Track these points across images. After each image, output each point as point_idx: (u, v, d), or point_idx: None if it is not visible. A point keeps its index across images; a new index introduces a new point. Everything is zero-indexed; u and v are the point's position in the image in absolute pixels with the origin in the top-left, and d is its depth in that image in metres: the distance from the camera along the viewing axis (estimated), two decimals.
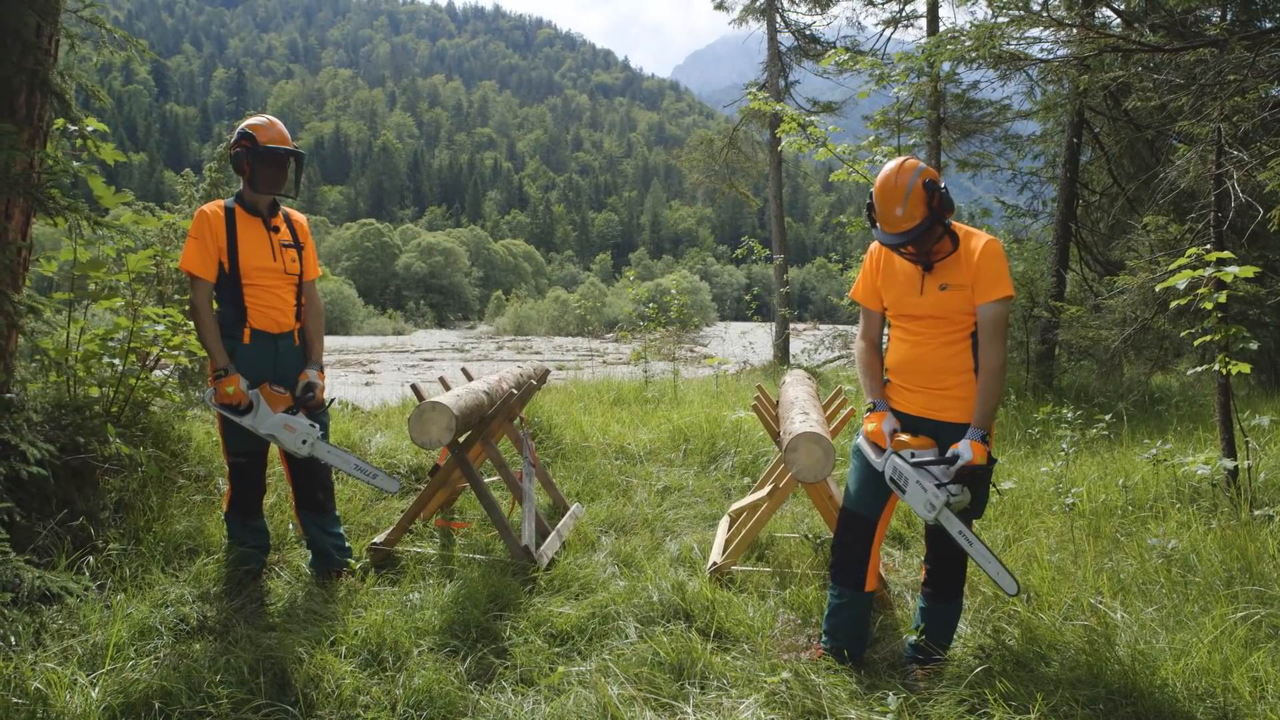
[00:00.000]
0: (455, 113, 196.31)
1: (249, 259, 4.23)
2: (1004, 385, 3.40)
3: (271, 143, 4.26)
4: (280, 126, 4.36)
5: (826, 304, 26.30)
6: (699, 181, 24.18)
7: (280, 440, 4.19)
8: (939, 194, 3.33)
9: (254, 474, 4.36)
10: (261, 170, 4.26)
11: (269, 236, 4.32)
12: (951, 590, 3.61)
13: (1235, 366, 5.10)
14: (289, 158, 4.33)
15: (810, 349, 17.99)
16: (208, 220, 4.19)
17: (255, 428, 4.17)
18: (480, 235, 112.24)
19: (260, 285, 4.27)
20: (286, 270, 4.36)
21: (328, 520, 4.53)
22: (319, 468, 4.48)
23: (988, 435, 3.35)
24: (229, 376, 4.12)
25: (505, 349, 44.82)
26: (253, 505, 4.40)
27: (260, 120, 4.34)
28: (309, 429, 4.21)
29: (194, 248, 4.17)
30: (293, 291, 4.43)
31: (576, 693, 3.26)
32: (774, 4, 22.17)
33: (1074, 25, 8.20)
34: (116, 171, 72.33)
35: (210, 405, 4.21)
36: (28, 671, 3.05)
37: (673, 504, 6.04)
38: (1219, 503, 5.08)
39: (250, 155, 4.24)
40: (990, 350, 3.35)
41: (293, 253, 4.40)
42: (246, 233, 4.25)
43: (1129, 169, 12.59)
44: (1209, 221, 5.51)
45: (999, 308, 3.36)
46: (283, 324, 4.36)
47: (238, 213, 4.28)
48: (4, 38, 3.93)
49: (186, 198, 9.11)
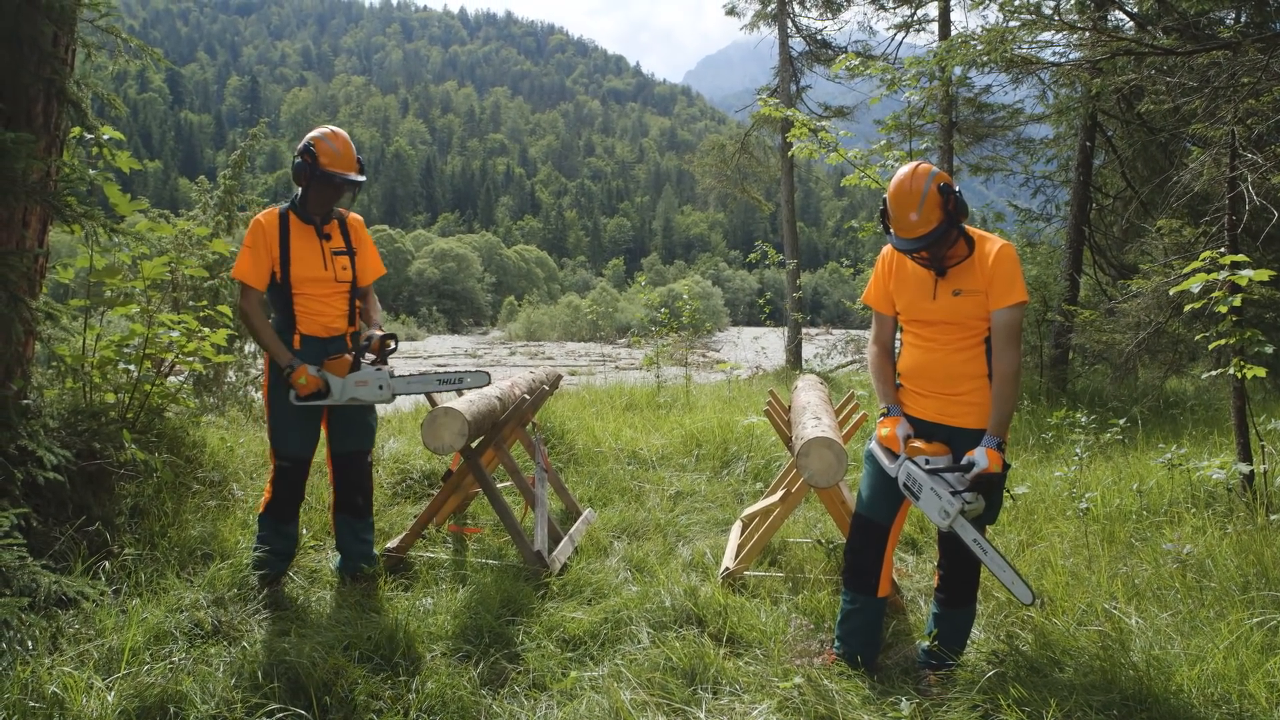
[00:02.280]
0: (468, 119, 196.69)
1: (300, 269, 4.26)
2: (1019, 391, 3.39)
3: (332, 167, 4.21)
4: (345, 144, 4.28)
5: (839, 309, 26.23)
6: (711, 187, 24.19)
7: (361, 398, 4.27)
8: (954, 198, 3.32)
9: (296, 479, 4.38)
10: (316, 190, 4.27)
11: (321, 245, 4.34)
12: (965, 596, 3.60)
13: (1250, 370, 5.07)
14: (345, 185, 4.28)
15: (823, 354, 17.97)
16: (263, 230, 4.23)
17: (339, 401, 4.27)
18: (493, 241, 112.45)
19: (309, 294, 4.32)
20: (337, 279, 4.37)
21: (363, 526, 4.56)
22: (363, 473, 4.55)
23: (1003, 443, 3.34)
24: (297, 369, 4.17)
25: (518, 354, 44.91)
26: (288, 510, 4.41)
27: (325, 134, 4.27)
28: (378, 374, 4.28)
29: (248, 257, 4.21)
30: (345, 298, 4.45)
31: (589, 698, 3.26)
32: (785, 9, 22.17)
33: (1086, 29, 8.18)
34: (132, 179, 73.05)
35: (295, 402, 4.25)
36: (44, 675, 3.07)
37: (685, 509, 6.03)
38: (1234, 507, 5.04)
39: (309, 175, 4.22)
40: (1004, 356, 3.34)
41: (344, 260, 4.41)
42: (299, 242, 4.28)
43: (1142, 172, 12.53)
44: (1223, 225, 5.48)
45: (1013, 313, 3.34)
46: (332, 329, 4.40)
47: (291, 220, 4.30)
48: (22, 47, 3.96)
49: (201, 205, 9.15)
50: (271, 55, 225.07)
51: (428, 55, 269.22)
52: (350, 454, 4.52)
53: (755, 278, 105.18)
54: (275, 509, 4.37)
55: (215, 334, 5.46)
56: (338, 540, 4.58)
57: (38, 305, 4.26)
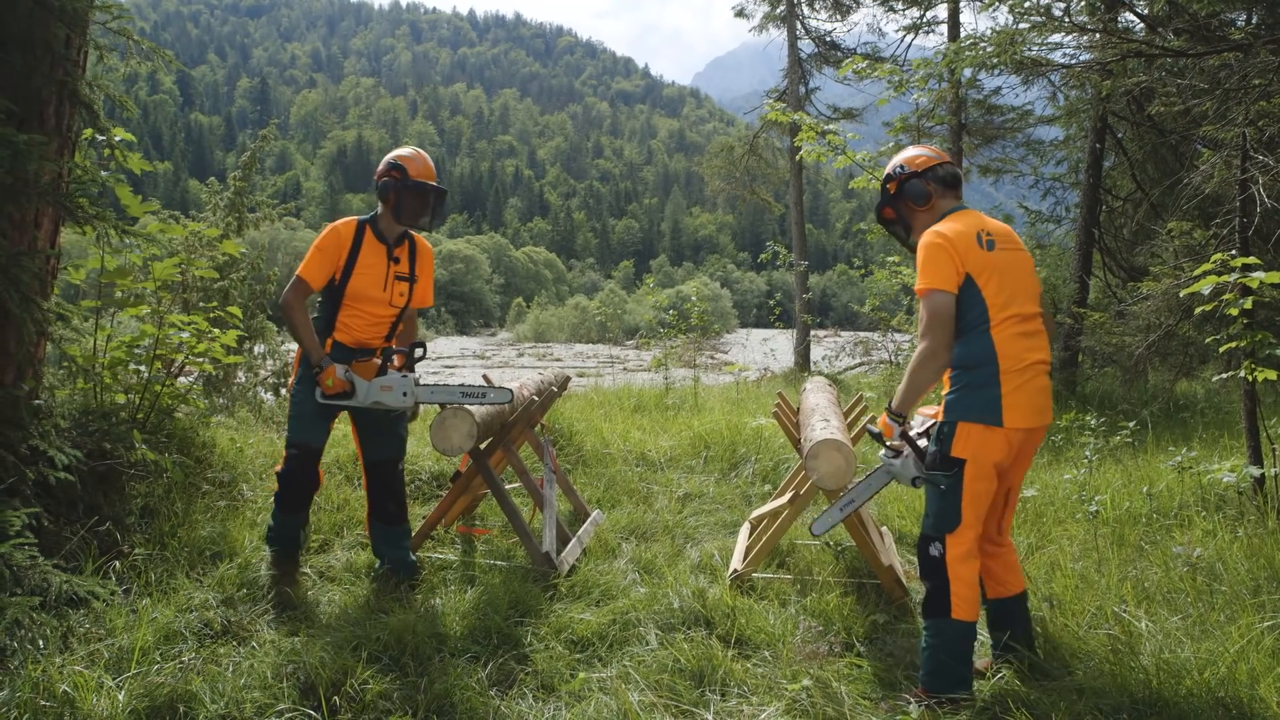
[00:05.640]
0: (476, 121, 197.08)
1: (359, 285, 4.36)
2: (925, 375, 3.37)
3: (420, 177, 4.41)
4: (427, 160, 4.50)
5: (848, 311, 26.20)
6: (720, 188, 24.19)
7: (385, 403, 4.31)
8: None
9: (302, 469, 4.38)
10: (408, 202, 4.39)
11: (388, 267, 4.43)
12: (928, 607, 3.40)
13: (1261, 373, 5.04)
14: (432, 193, 4.44)
15: (831, 356, 17.92)
16: (338, 237, 4.34)
17: (362, 403, 4.31)
18: (501, 243, 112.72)
19: (358, 311, 4.41)
20: (392, 303, 4.48)
21: (397, 532, 4.60)
22: (395, 481, 4.59)
23: (899, 414, 3.45)
24: (326, 369, 4.22)
25: (526, 356, 44.94)
26: (294, 500, 4.43)
27: (409, 152, 4.47)
28: (402, 380, 4.32)
29: (316, 258, 4.30)
30: (390, 322, 4.55)
31: (597, 699, 3.26)
32: (794, 11, 22.18)
33: (1096, 30, 8.16)
34: (143, 180, 73.44)
35: (321, 400, 4.29)
36: (55, 675, 3.08)
37: (693, 511, 6.03)
38: (1245, 510, 5.02)
39: (399, 187, 4.36)
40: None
41: (404, 286, 4.51)
42: (367, 259, 4.38)
43: (1152, 174, 12.48)
44: (1234, 227, 5.46)
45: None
46: (364, 343, 4.48)
47: (367, 235, 4.40)
48: (34, 49, 3.98)
49: (211, 206, 9.17)
50: (281, 57, 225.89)
51: (437, 57, 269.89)
52: (382, 463, 4.57)
53: (764, 279, 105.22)
54: (282, 498, 4.41)
55: (225, 335, 5.48)
56: (373, 547, 4.64)
57: (49, 306, 4.28)
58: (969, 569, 3.32)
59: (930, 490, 3.42)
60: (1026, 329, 3.37)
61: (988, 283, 3.33)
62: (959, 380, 3.35)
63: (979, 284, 3.33)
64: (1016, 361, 3.30)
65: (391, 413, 4.48)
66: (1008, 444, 3.30)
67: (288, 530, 4.46)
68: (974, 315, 3.33)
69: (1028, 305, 3.41)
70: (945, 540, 3.34)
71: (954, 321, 3.34)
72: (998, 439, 3.28)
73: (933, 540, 3.37)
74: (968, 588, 3.31)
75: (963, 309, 3.35)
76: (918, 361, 3.35)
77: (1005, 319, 3.32)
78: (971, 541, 3.33)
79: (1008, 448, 3.31)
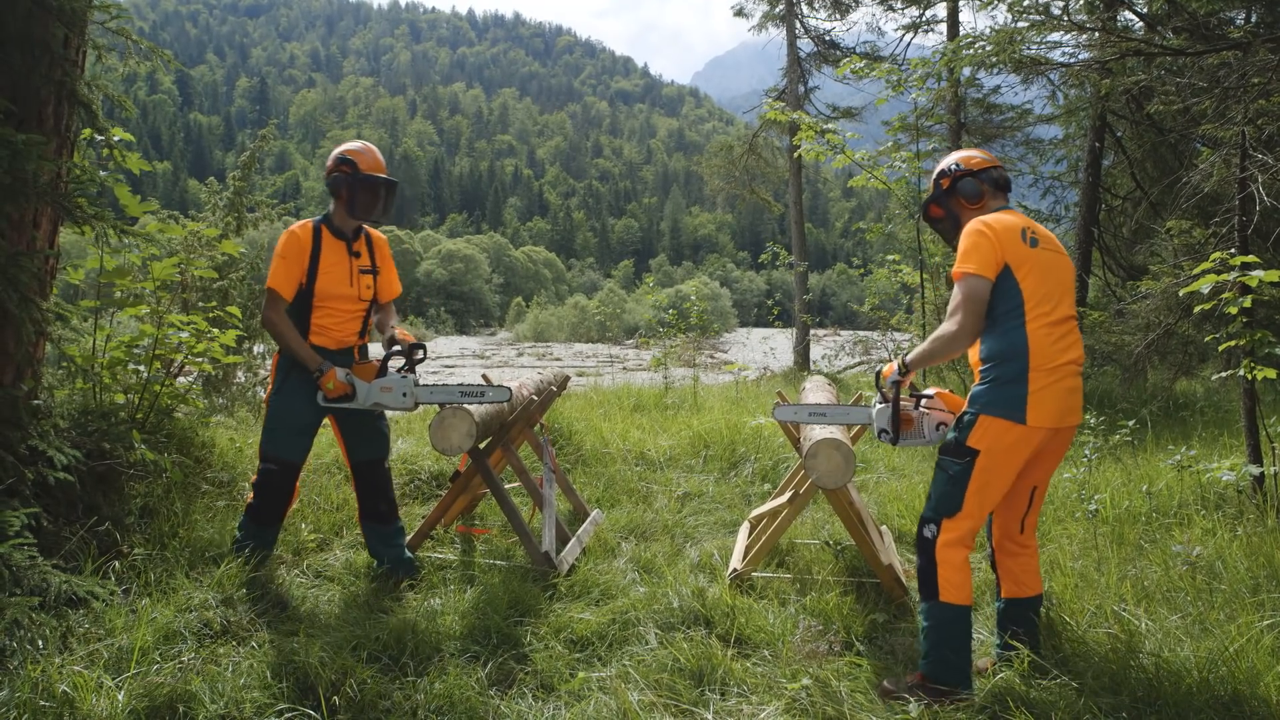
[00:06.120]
0: (475, 120, 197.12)
1: (326, 285, 4.36)
2: (943, 347, 3.47)
3: (370, 170, 4.42)
4: (377, 153, 4.52)
5: (847, 310, 26.18)
6: (719, 188, 24.18)
7: (384, 404, 4.32)
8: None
9: (281, 484, 4.37)
10: (361, 197, 4.39)
11: (350, 262, 4.44)
12: (920, 589, 3.47)
13: (1261, 372, 5.05)
14: (383, 186, 4.45)
15: (831, 355, 17.91)
16: (297, 241, 4.32)
17: (363, 405, 4.32)
18: (500, 242, 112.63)
19: (330, 309, 4.41)
20: (360, 297, 4.48)
21: (390, 532, 4.61)
22: (383, 480, 4.61)
23: (901, 362, 3.69)
24: (327, 372, 4.23)
25: (525, 355, 44.91)
26: (270, 514, 4.40)
27: (358, 146, 4.48)
28: (402, 381, 4.34)
29: (281, 268, 4.29)
30: (361, 317, 4.56)
31: (597, 699, 3.26)
32: (793, 10, 22.17)
33: (1095, 29, 8.16)
34: (142, 180, 73.65)
35: (323, 404, 4.31)
36: (55, 675, 3.08)
37: (693, 510, 6.03)
38: (1245, 509, 5.02)
39: (351, 182, 4.37)
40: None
41: (369, 279, 4.53)
42: (329, 257, 4.38)
43: (1152, 173, 12.49)
44: (1233, 226, 5.46)
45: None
46: (343, 342, 4.49)
47: (324, 235, 4.40)
48: (33, 49, 3.98)
49: (210, 206, 9.17)
50: (280, 57, 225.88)
51: (436, 56, 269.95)
52: (368, 462, 4.59)
53: (763, 279, 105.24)
54: (257, 512, 4.37)
55: (224, 335, 5.48)
56: (369, 548, 4.65)
57: (48, 306, 4.27)
58: (957, 554, 3.36)
59: (938, 474, 3.46)
60: (1063, 329, 3.39)
61: (1026, 276, 3.35)
62: (989, 373, 3.38)
63: (1017, 276, 3.35)
64: (1048, 360, 3.31)
65: (374, 411, 4.49)
66: (1029, 442, 3.31)
67: (263, 537, 4.41)
68: (1009, 306, 3.36)
69: (1064, 307, 3.42)
70: (941, 524, 3.39)
71: (985, 307, 3.38)
72: (1018, 436, 3.29)
73: (929, 522, 3.42)
74: (955, 571, 3.35)
75: (998, 298, 3.38)
76: (940, 339, 3.42)
77: (1041, 315, 3.34)
78: (967, 531, 3.36)
79: (1029, 446, 3.32)
